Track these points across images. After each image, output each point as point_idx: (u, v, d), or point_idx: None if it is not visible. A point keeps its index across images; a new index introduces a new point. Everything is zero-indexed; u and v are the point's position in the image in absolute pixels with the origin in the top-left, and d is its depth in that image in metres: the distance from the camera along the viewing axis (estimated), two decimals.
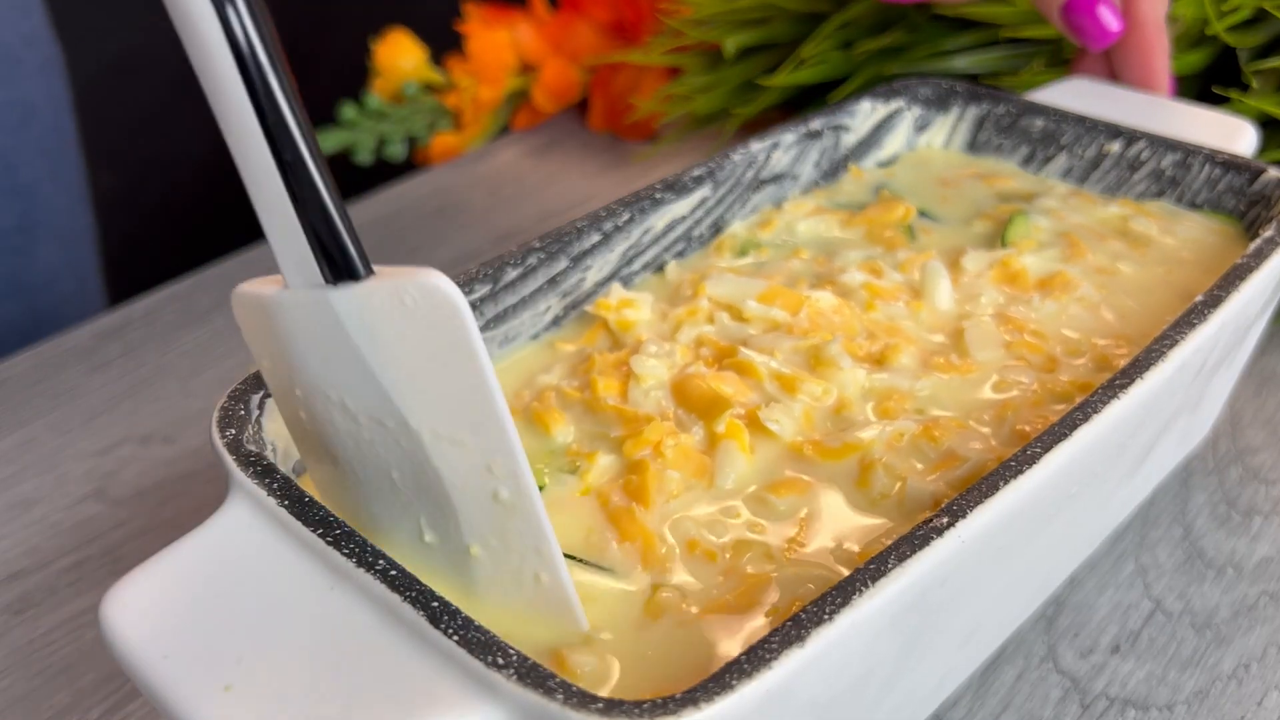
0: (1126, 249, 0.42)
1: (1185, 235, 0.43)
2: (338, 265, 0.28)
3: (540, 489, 0.32)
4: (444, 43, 0.79)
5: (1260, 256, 0.37)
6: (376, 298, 0.27)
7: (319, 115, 0.81)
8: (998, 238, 0.43)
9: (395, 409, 0.28)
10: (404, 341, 0.27)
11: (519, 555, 0.28)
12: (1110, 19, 0.49)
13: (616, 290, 0.40)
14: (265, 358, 0.30)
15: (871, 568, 0.25)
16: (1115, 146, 0.46)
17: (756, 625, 0.28)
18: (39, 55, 0.66)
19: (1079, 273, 0.41)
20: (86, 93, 0.77)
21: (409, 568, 0.27)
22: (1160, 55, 0.49)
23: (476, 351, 0.27)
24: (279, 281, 0.29)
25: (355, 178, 0.82)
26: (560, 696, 0.23)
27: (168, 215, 1.11)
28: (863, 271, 0.41)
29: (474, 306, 0.36)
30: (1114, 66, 0.51)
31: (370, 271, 0.27)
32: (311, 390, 0.29)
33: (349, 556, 0.26)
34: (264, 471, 0.28)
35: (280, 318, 0.29)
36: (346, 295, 0.28)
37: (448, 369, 0.27)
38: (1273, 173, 0.42)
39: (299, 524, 0.27)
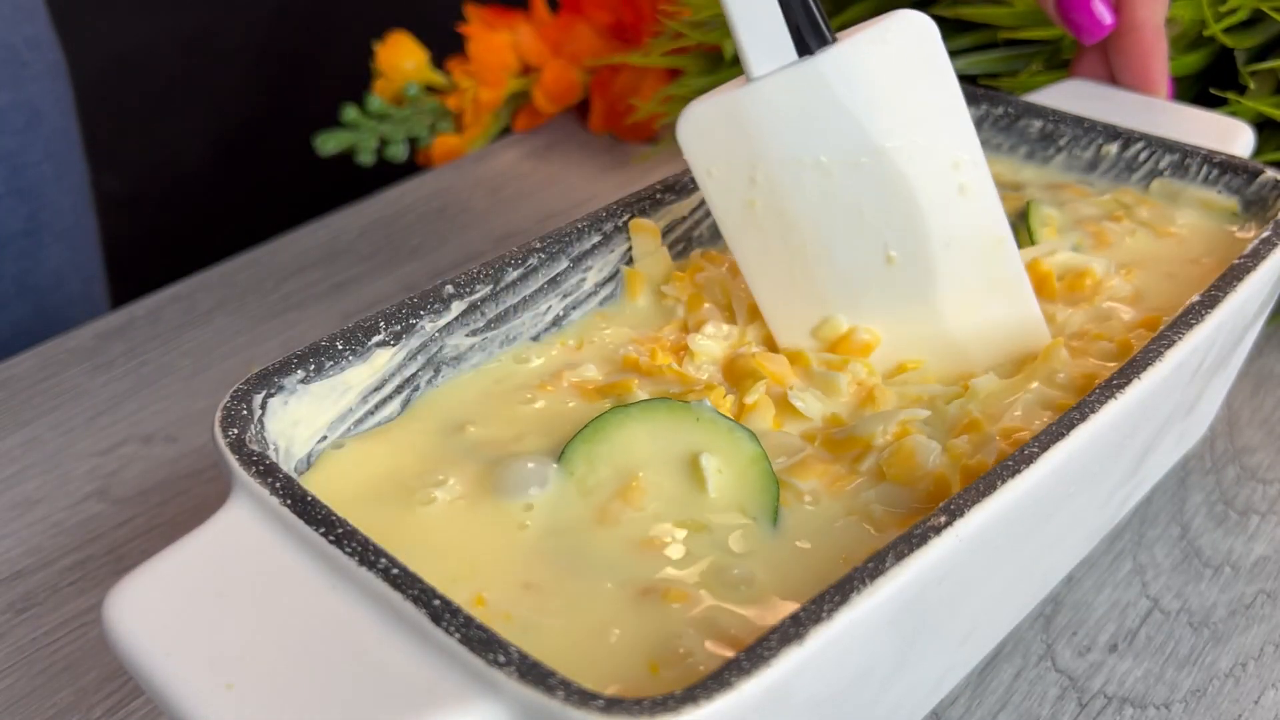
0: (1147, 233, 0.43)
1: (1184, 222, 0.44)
2: (820, 34, 0.34)
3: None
4: (445, 44, 0.80)
5: (1257, 257, 0.37)
6: (862, 47, 0.34)
7: (321, 117, 0.81)
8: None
9: (875, 143, 0.35)
10: (884, 78, 0.34)
11: (978, 245, 0.36)
12: (1103, 12, 0.49)
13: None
14: (717, 162, 0.36)
15: (870, 566, 0.26)
16: (1113, 148, 0.46)
17: None
18: (43, 59, 0.66)
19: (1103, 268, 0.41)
20: (88, 95, 0.77)
21: (872, 302, 0.36)
22: (1158, 59, 0.49)
23: (947, 65, 0.35)
24: (731, 87, 0.35)
25: (357, 178, 0.82)
26: (561, 694, 0.23)
27: (169, 217, 1.11)
28: None
29: (474, 307, 0.37)
30: (1112, 69, 0.51)
31: (835, 36, 0.34)
32: (781, 165, 0.36)
33: (350, 555, 0.26)
34: (266, 471, 0.29)
35: (752, 107, 0.35)
36: (832, 56, 0.34)
37: (923, 85, 0.35)
38: (1270, 174, 0.42)
39: (301, 523, 0.27)
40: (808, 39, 0.34)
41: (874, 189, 0.36)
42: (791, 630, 0.24)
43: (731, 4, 0.34)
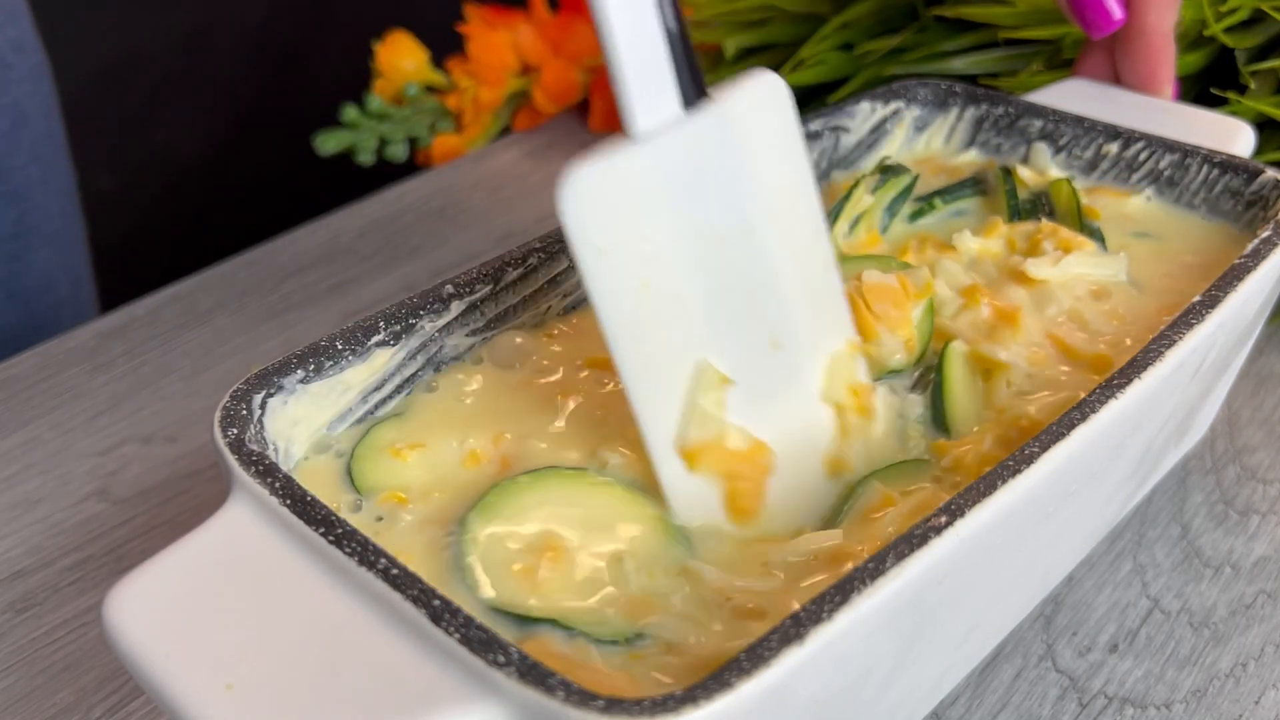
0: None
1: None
2: (699, 86, 0.31)
3: None
4: (445, 44, 0.80)
5: (1257, 257, 0.37)
6: (738, 102, 0.32)
7: (321, 116, 0.81)
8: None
9: (755, 209, 0.32)
10: (756, 137, 0.32)
11: (835, 321, 0.35)
12: (1114, 7, 0.49)
13: None
14: (606, 235, 0.31)
15: (870, 566, 0.26)
16: (1113, 147, 0.46)
17: None
18: (28, 61, 0.66)
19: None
20: (75, 97, 0.77)
21: (760, 393, 0.33)
22: (1166, 64, 0.49)
23: (798, 130, 0.33)
24: (615, 147, 0.31)
25: (357, 178, 0.82)
26: (561, 694, 0.23)
27: (165, 216, 1.11)
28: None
29: (474, 307, 0.37)
30: (1119, 71, 0.51)
31: (708, 91, 0.32)
32: (678, 236, 0.32)
33: (350, 555, 0.26)
34: (266, 470, 0.29)
35: (643, 168, 0.31)
36: (710, 113, 0.31)
37: (782, 152, 0.33)
38: (1270, 174, 0.42)
39: (301, 523, 0.27)
40: (696, 88, 0.31)
41: (758, 263, 0.33)
42: (791, 630, 0.24)
43: (618, 45, 0.29)
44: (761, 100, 0.32)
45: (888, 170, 0.45)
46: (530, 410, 0.35)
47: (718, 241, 0.32)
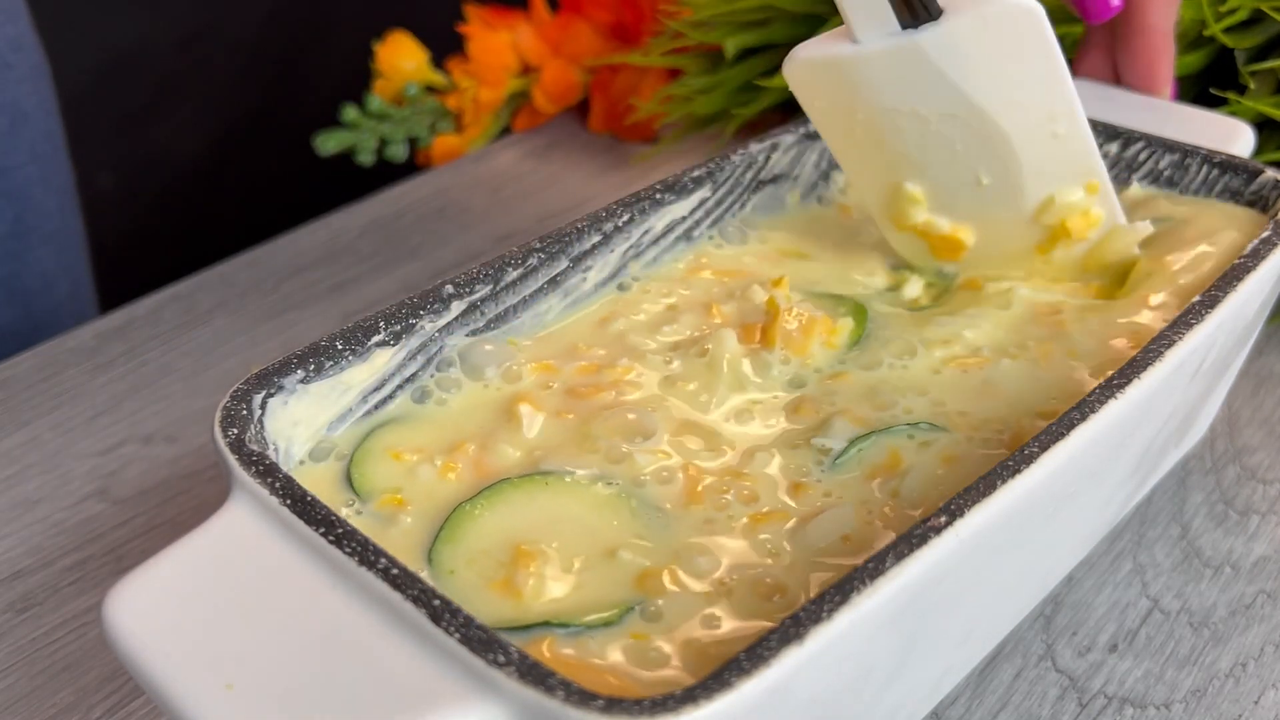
0: None
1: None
2: (924, 9, 0.36)
3: None
4: (445, 44, 0.80)
5: (1257, 257, 0.37)
6: (964, 29, 0.36)
7: (321, 117, 0.81)
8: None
9: (970, 102, 0.38)
10: (986, 53, 0.37)
11: (1070, 173, 0.40)
12: None
13: None
14: (820, 99, 0.40)
15: (870, 566, 0.26)
16: (1113, 147, 0.46)
17: None
18: (26, 61, 0.66)
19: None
20: (75, 96, 0.77)
21: (962, 207, 0.41)
22: (1166, 63, 0.49)
23: (1054, 48, 0.37)
24: (836, 39, 0.38)
25: (357, 178, 0.82)
26: (561, 694, 0.23)
27: (158, 218, 1.11)
28: None
29: (474, 307, 0.37)
30: (1119, 69, 0.51)
31: (940, 11, 0.37)
32: (878, 113, 0.39)
33: (350, 555, 0.26)
34: (266, 471, 0.29)
35: (853, 67, 0.38)
36: (935, 34, 0.37)
37: (1024, 61, 0.37)
38: (1270, 174, 0.42)
39: (301, 523, 0.27)
40: (915, 11, 0.36)
41: (968, 134, 0.39)
42: (791, 630, 0.24)
43: None
44: (994, 24, 0.36)
45: None
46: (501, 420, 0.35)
47: (927, 119, 0.39)
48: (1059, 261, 0.42)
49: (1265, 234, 0.38)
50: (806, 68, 0.39)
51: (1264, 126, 0.53)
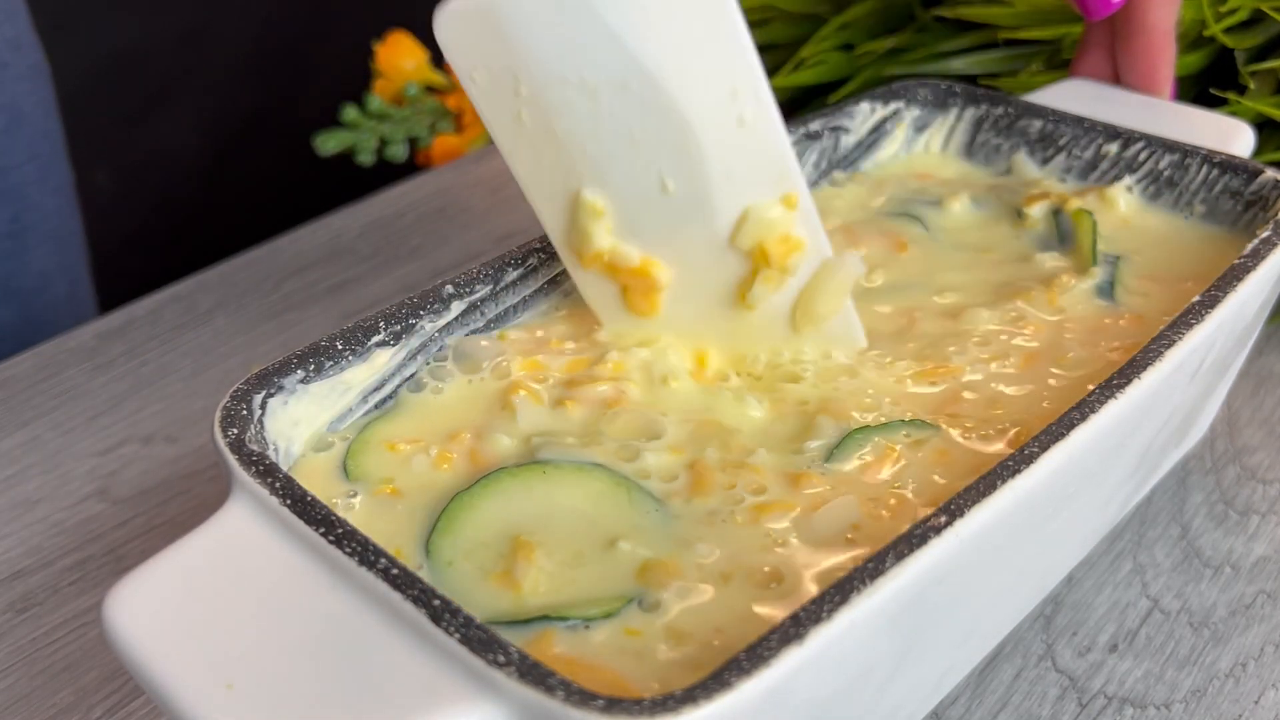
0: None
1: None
2: None
3: None
4: None
5: (1257, 257, 0.37)
6: None
7: (321, 117, 0.81)
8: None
9: (641, 67, 0.32)
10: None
11: (762, 181, 0.34)
12: None
13: None
14: (479, 68, 0.33)
15: (870, 567, 0.26)
16: (1113, 148, 0.46)
17: None
18: (25, 60, 0.66)
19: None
20: (74, 96, 0.77)
21: (650, 226, 0.34)
22: (1166, 62, 0.49)
23: None
24: None
25: (357, 178, 0.82)
26: (561, 694, 0.23)
27: (158, 217, 1.11)
28: None
29: (474, 307, 0.37)
30: (1118, 69, 0.51)
31: None
32: (543, 82, 0.33)
33: (350, 555, 0.26)
34: (266, 471, 0.29)
35: (510, 13, 0.32)
36: None
37: (698, 10, 0.32)
38: (1270, 174, 0.42)
39: (301, 523, 0.27)
40: None
41: (644, 114, 0.33)
42: (791, 630, 0.24)
43: None
44: None
45: None
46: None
47: (596, 90, 0.33)
48: (762, 321, 0.37)
49: (1265, 234, 0.38)
50: (459, 21, 0.33)
51: (1264, 127, 0.53)
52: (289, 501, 0.28)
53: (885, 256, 0.43)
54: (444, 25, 0.33)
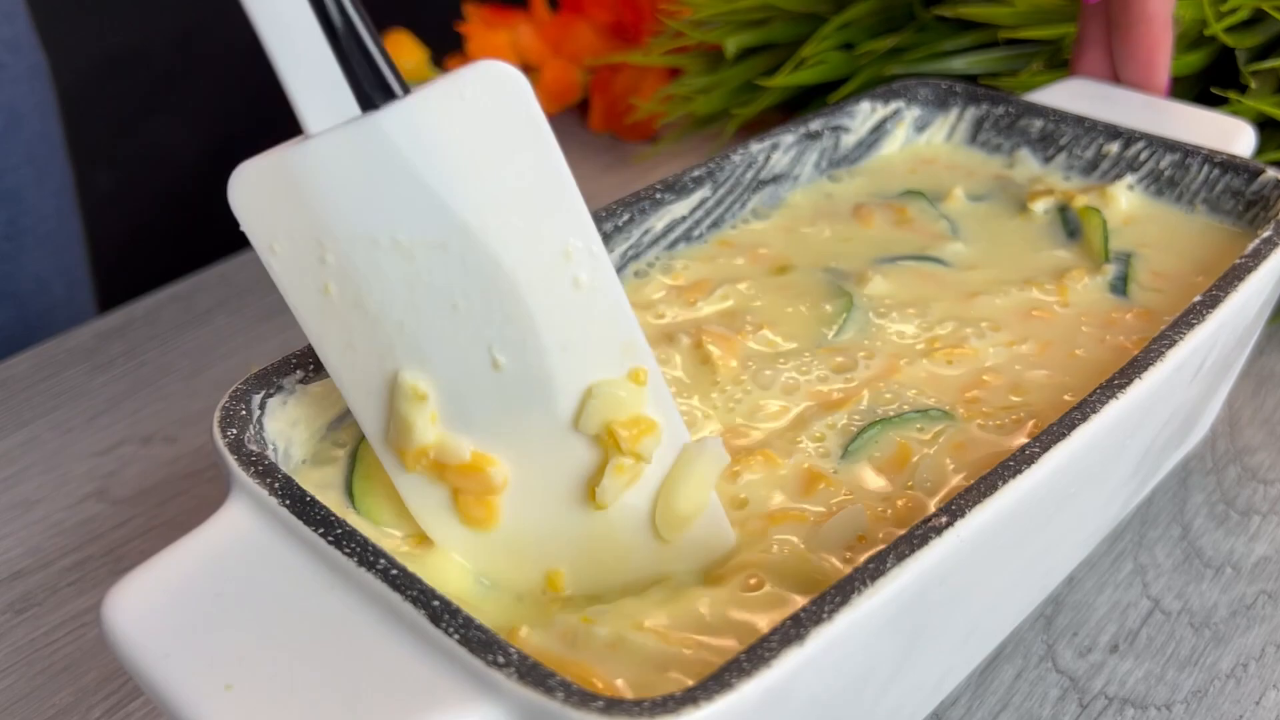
0: None
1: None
2: (382, 86, 0.28)
3: None
4: (445, 43, 0.80)
5: (1258, 257, 0.37)
6: (431, 103, 0.27)
7: None
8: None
9: (460, 221, 0.28)
10: (464, 141, 0.28)
11: (606, 350, 0.29)
12: None
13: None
14: (279, 237, 0.28)
15: (870, 567, 0.26)
16: (1114, 147, 0.46)
17: None
18: (23, 61, 0.66)
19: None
20: (73, 96, 0.77)
21: (481, 410, 0.29)
22: (1164, 53, 0.49)
23: (542, 126, 0.27)
24: (278, 149, 0.28)
25: None
26: (560, 695, 0.23)
27: (157, 217, 1.11)
28: None
29: None
30: (1115, 62, 0.51)
31: (407, 89, 0.28)
32: (351, 245, 0.28)
33: (350, 556, 0.26)
34: (265, 471, 0.29)
35: (311, 170, 0.28)
36: (396, 112, 0.27)
37: (515, 155, 0.28)
38: (1271, 173, 0.42)
39: (300, 523, 0.27)
40: (369, 91, 0.28)
41: (465, 277, 0.29)
42: (791, 631, 0.24)
43: (272, 44, 0.28)
44: (472, 95, 0.28)
45: None
46: None
47: (411, 252, 0.28)
48: (619, 525, 0.31)
49: (1266, 234, 0.38)
50: (254, 181, 0.28)
51: (1265, 126, 0.53)
52: (288, 502, 0.28)
53: (893, 229, 0.44)
54: (237, 188, 0.28)
